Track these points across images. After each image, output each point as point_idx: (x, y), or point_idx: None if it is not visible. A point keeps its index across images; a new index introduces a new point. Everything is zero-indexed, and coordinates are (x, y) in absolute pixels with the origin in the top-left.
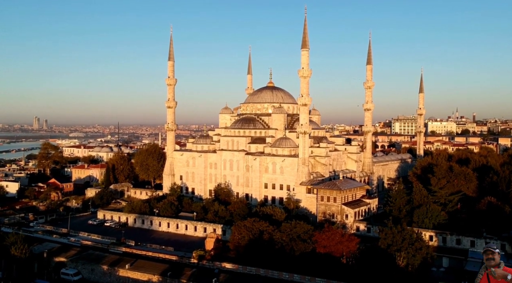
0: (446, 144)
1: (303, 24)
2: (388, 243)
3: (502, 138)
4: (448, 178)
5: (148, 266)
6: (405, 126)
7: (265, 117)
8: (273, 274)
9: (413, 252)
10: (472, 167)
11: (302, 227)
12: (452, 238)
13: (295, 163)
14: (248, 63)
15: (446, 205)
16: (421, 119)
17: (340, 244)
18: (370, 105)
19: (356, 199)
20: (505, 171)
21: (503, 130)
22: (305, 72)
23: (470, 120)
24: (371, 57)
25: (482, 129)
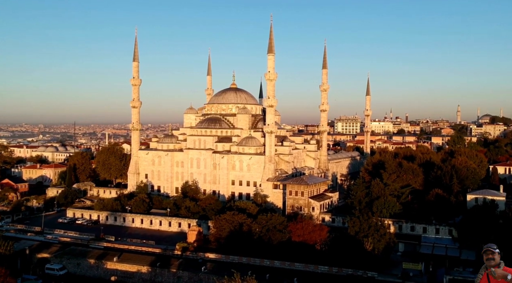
0: (386, 142)
1: (269, 31)
2: (356, 230)
3: (435, 137)
4: (398, 173)
5: (135, 258)
6: (347, 126)
7: (230, 117)
8: (255, 262)
9: (378, 238)
10: (418, 163)
11: (277, 219)
12: (407, 226)
13: (261, 161)
14: (208, 65)
15: (399, 197)
16: (368, 120)
17: (313, 233)
18: (326, 106)
19: (320, 193)
20: (447, 166)
21: (434, 130)
22: (271, 75)
23: (403, 121)
24: (326, 62)
25: (415, 129)
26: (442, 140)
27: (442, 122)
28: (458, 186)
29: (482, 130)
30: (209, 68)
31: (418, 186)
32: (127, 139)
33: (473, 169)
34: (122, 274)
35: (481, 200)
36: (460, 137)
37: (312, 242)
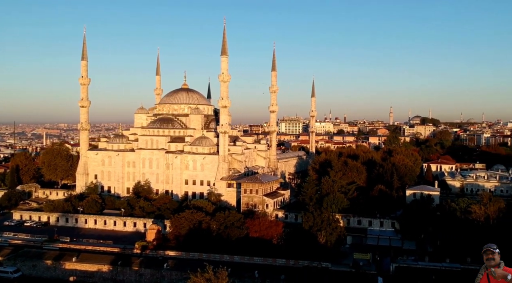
0: (328, 142)
1: (223, 33)
2: (310, 225)
3: (372, 137)
4: (343, 171)
5: (95, 258)
6: (290, 127)
7: (182, 117)
8: (215, 257)
9: (331, 231)
10: (361, 161)
11: (235, 216)
12: (354, 220)
13: (215, 160)
14: (157, 64)
15: (347, 193)
16: (313, 121)
17: (270, 229)
18: (275, 107)
19: (273, 190)
20: (388, 164)
21: (370, 130)
22: (225, 77)
23: (342, 121)
24: (275, 64)
25: (354, 130)
26: (378, 140)
27: (378, 123)
28: (398, 182)
29: (414, 131)
30: (158, 68)
31: (362, 183)
32: (62, 139)
33: (410, 166)
34: (82, 274)
35: (419, 194)
36: (395, 137)
37: (269, 237)
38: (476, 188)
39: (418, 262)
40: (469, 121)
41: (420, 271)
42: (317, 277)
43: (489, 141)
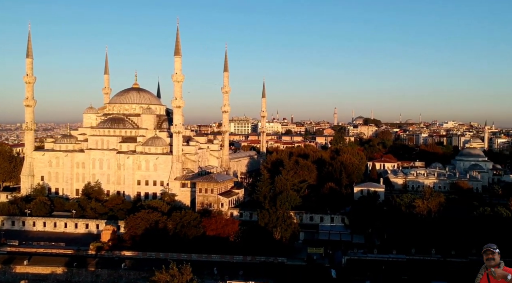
0: (277, 142)
1: (176, 33)
2: (265, 222)
3: (319, 137)
4: (295, 170)
5: (48, 260)
6: (239, 127)
7: (134, 117)
8: (173, 256)
9: (286, 227)
10: (311, 160)
11: (191, 215)
12: (307, 216)
13: (168, 160)
14: (105, 63)
15: (299, 191)
16: (264, 121)
17: (226, 227)
18: (227, 108)
19: (228, 190)
20: (336, 162)
21: (317, 131)
22: (178, 77)
23: (290, 122)
24: (227, 65)
25: (301, 130)
26: (325, 140)
27: (324, 123)
28: (346, 180)
29: (358, 131)
30: (106, 67)
31: (313, 181)
32: None
33: (357, 165)
34: (34, 277)
35: (366, 191)
36: (341, 137)
37: (225, 235)
38: (417, 184)
39: (367, 255)
40: (407, 122)
41: (369, 262)
42: (274, 271)
43: (426, 141)
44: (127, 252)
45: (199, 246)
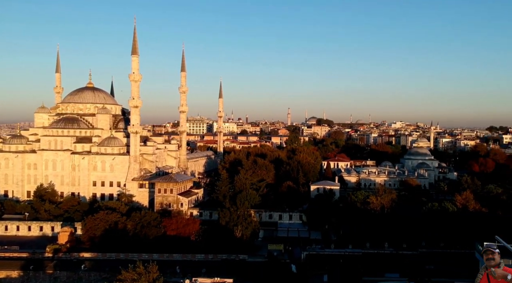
0: (233, 142)
1: (133, 32)
2: (226, 220)
3: (274, 137)
4: (253, 169)
5: (1, 264)
6: (194, 127)
7: (88, 117)
8: (133, 256)
9: (246, 225)
10: (269, 160)
11: (151, 215)
12: (266, 214)
13: (125, 161)
14: (57, 62)
15: (258, 190)
16: (221, 121)
17: (187, 226)
18: (185, 108)
19: (187, 189)
20: (294, 162)
21: (272, 131)
22: (136, 76)
23: (245, 122)
24: (184, 65)
25: (256, 130)
26: (280, 140)
27: (278, 124)
28: (303, 179)
29: (312, 131)
30: (58, 65)
31: (271, 180)
32: None
33: (312, 164)
34: None
35: (322, 189)
36: (296, 137)
37: (186, 234)
38: (369, 182)
39: (325, 250)
40: (358, 122)
41: (327, 257)
42: (236, 268)
43: (376, 140)
44: (86, 253)
45: (160, 246)
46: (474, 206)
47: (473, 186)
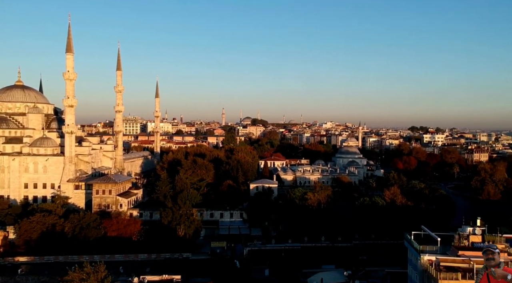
0: (169, 142)
1: (68, 30)
2: (169, 220)
3: (210, 137)
4: (193, 169)
5: None
6: (128, 127)
7: (18, 117)
8: (73, 258)
9: (189, 224)
10: (208, 160)
11: (90, 217)
12: (207, 213)
13: (60, 162)
14: None
15: (198, 189)
16: (157, 121)
17: (128, 227)
18: (121, 107)
19: (126, 190)
20: (233, 161)
21: (208, 131)
22: (70, 75)
23: (180, 122)
24: (120, 63)
25: (191, 130)
26: (217, 140)
27: (214, 124)
28: (242, 177)
29: (247, 131)
30: None
31: (211, 179)
32: None
33: (251, 163)
34: None
35: (261, 187)
36: (232, 137)
37: (128, 235)
38: (304, 180)
39: (266, 245)
40: (290, 123)
41: (268, 252)
42: (180, 266)
43: (309, 140)
44: (22, 257)
45: (101, 247)
46: (401, 200)
47: (399, 181)
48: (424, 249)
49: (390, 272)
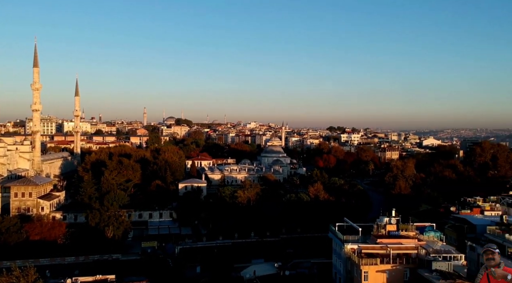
0: (89, 142)
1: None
2: (96, 222)
3: (133, 137)
4: (118, 170)
5: None
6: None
7: None
8: None
9: (118, 225)
10: (134, 160)
11: (10, 220)
12: (136, 214)
13: None
14: None
15: (126, 190)
16: (77, 120)
17: (52, 230)
18: (38, 106)
19: (47, 192)
20: (161, 161)
21: (130, 130)
22: None
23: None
24: (37, 60)
25: (112, 130)
26: (140, 140)
27: (136, 123)
28: (171, 177)
29: (171, 131)
30: None
31: (138, 180)
32: None
33: (178, 163)
34: None
35: (190, 187)
36: (157, 137)
37: (52, 238)
38: (231, 179)
39: (197, 243)
40: (214, 122)
41: (200, 249)
42: (111, 268)
43: (234, 139)
44: None
45: (24, 252)
46: (324, 196)
47: (322, 178)
48: (347, 239)
49: (316, 263)
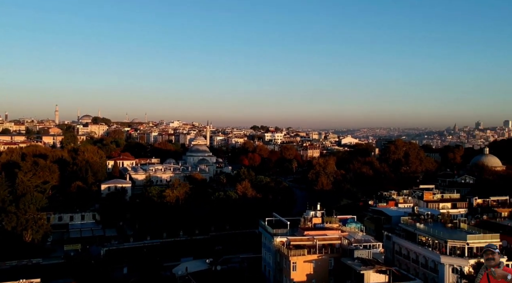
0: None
1: None
2: (13, 226)
3: (46, 137)
4: (34, 171)
5: None
6: None
7: None
8: None
9: (37, 229)
10: (51, 161)
11: None
12: (55, 217)
13: None
14: None
15: (43, 192)
16: None
17: None
18: None
19: None
20: (81, 161)
21: (41, 130)
22: None
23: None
24: None
25: (21, 129)
26: (54, 140)
27: (48, 122)
28: (92, 178)
29: (88, 130)
30: None
31: (56, 182)
32: None
33: (99, 163)
34: None
35: (113, 188)
36: (73, 137)
37: None
38: (156, 179)
39: (124, 244)
40: (135, 121)
41: (127, 250)
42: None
43: (157, 139)
44: None
45: None
46: (251, 193)
47: (249, 176)
48: (276, 232)
49: (245, 257)
